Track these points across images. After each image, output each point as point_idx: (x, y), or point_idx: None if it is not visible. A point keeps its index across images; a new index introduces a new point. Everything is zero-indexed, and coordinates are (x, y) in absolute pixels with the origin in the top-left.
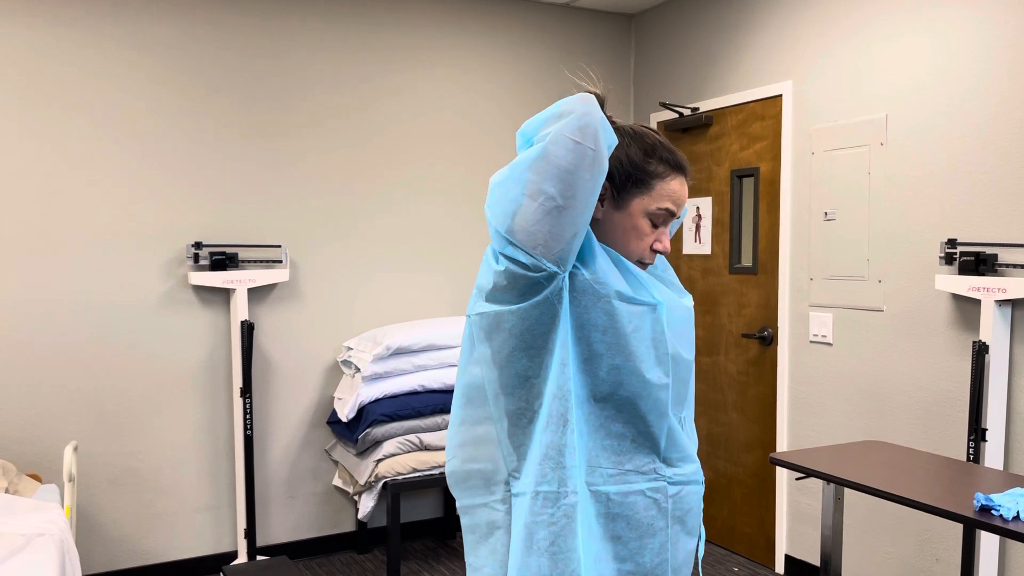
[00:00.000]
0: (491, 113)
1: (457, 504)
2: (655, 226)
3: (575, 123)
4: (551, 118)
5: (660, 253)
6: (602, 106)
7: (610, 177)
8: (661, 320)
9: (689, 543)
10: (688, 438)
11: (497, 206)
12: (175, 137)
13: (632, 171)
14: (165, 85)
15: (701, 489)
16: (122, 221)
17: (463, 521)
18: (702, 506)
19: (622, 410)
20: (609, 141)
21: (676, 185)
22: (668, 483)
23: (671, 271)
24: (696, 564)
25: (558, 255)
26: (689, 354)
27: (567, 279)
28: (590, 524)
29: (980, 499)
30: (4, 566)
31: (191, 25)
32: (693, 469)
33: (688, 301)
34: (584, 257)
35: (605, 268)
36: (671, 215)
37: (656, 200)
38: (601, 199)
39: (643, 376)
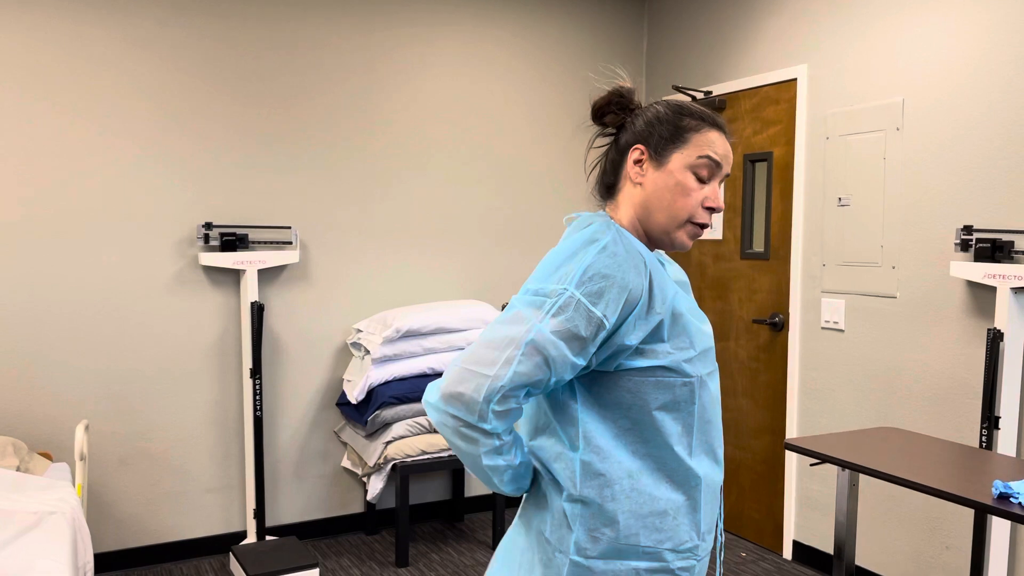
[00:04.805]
0: (501, 96)
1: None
2: (701, 181)
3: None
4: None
5: (714, 211)
6: (630, 98)
7: (645, 139)
8: (710, 389)
9: None
10: None
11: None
12: (186, 118)
13: (665, 127)
14: (177, 67)
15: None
16: (133, 201)
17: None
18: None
19: (660, 485)
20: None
21: (714, 136)
22: (696, 561)
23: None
24: None
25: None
26: (716, 389)
27: (633, 352)
28: None
29: (999, 487)
30: (17, 543)
31: (202, 9)
32: (712, 536)
33: (707, 327)
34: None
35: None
36: (715, 165)
37: (696, 150)
38: (640, 163)
39: (680, 456)
